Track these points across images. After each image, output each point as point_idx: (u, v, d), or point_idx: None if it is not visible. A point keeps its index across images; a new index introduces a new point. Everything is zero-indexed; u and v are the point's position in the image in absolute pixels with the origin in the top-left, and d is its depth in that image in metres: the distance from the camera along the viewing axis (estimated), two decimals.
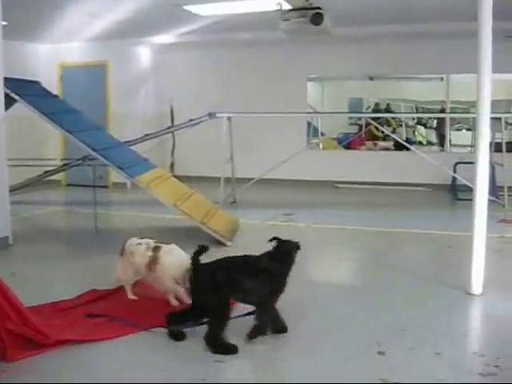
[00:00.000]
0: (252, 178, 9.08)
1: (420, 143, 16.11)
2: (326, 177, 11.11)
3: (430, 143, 15.14)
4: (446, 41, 9.94)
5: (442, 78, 12.59)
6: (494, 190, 8.31)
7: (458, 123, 14.11)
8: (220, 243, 6.17)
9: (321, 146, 12.74)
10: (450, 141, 12.93)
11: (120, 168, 6.40)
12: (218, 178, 8.53)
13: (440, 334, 3.85)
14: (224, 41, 10.64)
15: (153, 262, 4.23)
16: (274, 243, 3.75)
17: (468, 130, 13.09)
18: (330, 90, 16.45)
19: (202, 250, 3.70)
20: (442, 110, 12.55)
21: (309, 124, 12.28)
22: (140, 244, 4.38)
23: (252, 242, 5.37)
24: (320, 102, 15.65)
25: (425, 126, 16.90)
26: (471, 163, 8.66)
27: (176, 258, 4.23)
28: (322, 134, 13.05)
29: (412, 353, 3.55)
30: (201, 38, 10.39)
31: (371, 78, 14.93)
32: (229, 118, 8.81)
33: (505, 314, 4.23)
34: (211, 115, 8.65)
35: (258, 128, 10.78)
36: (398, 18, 9.11)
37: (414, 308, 4.37)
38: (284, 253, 3.73)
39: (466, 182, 7.44)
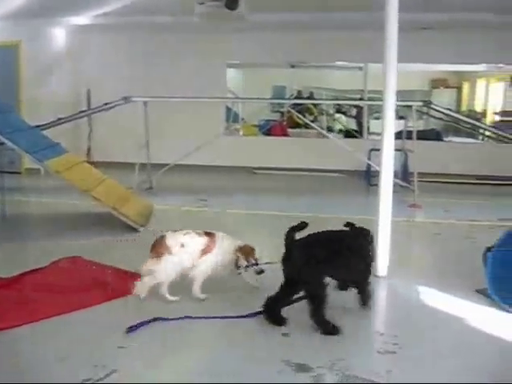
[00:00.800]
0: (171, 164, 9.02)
1: (340, 131, 16.45)
2: (245, 163, 11.11)
3: (350, 131, 15.46)
4: (365, 30, 10.10)
5: (360, 68, 12.84)
6: (406, 176, 8.56)
7: (378, 112, 14.46)
8: (132, 229, 6.08)
9: (241, 132, 12.75)
10: (368, 129, 13.23)
11: (28, 152, 6.17)
12: (137, 164, 8.44)
13: (344, 314, 3.92)
14: (142, 23, 10.40)
15: (209, 249, 4.15)
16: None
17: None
18: (254, 77, 16.49)
19: (301, 226, 3.67)
20: (362, 99, 12.82)
21: (229, 110, 12.24)
22: (188, 233, 4.19)
23: (165, 227, 5.31)
24: (242, 89, 15.65)
25: (345, 114, 17.27)
26: None
27: (231, 242, 4.24)
28: (243, 121, 13.07)
29: (316, 333, 3.59)
30: (118, 19, 10.12)
31: (293, 66, 15.08)
32: (145, 103, 8.65)
33: (407, 295, 4.36)
34: (126, 99, 8.48)
35: (177, 113, 10.63)
36: (316, 6, 9.19)
37: None
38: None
39: (378, 168, 7.61)
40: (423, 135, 12.22)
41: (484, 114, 16.13)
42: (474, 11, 9.17)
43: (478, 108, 16.86)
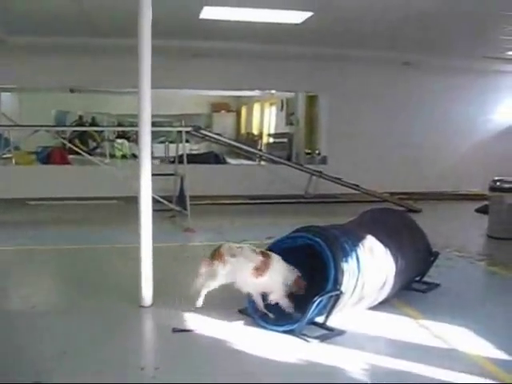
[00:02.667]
0: None
1: (124, 156, 16.26)
2: (18, 194, 10.26)
3: (134, 156, 15.33)
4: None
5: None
6: (183, 200, 8.57)
7: (163, 136, 14.51)
8: None
9: (13, 160, 11.90)
10: (152, 153, 13.18)
11: None
12: None
13: (105, 351, 3.77)
14: None
15: (264, 266, 4.21)
16: None
17: (171, 142, 13.50)
18: (34, 101, 15.66)
19: None
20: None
21: None
22: (242, 247, 4.35)
23: None
24: (18, 114, 14.76)
25: (128, 139, 17.11)
26: (160, 175, 8.90)
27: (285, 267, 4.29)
28: (18, 148, 12.24)
29: (71, 376, 3.39)
30: None
31: (72, 91, 14.57)
32: None
33: (171, 323, 4.27)
34: None
35: None
36: (87, 31, 8.95)
37: (83, 327, 4.22)
38: None
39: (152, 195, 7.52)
40: (202, 159, 12.55)
41: (260, 135, 17.13)
42: (246, 41, 9.65)
43: (256, 130, 17.87)
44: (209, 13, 7.56)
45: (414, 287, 5.19)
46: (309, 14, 7.66)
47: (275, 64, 10.87)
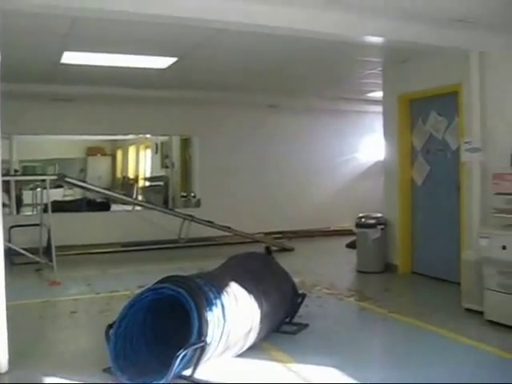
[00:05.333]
0: None
1: None
2: None
3: (4, 205, 14.51)
4: (10, 102, 9.64)
5: (8, 137, 12.29)
6: (50, 252, 8.16)
7: (34, 182, 13.88)
8: None
9: None
10: (21, 201, 12.68)
11: None
12: None
13: None
14: None
15: None
16: None
17: (45, 188, 12.92)
18: None
19: None
20: (8, 171, 12.12)
21: None
22: None
23: None
24: None
25: None
26: (22, 226, 8.48)
27: None
28: None
29: None
30: None
31: None
32: None
33: None
34: None
35: None
36: None
37: None
38: None
39: (14, 247, 7.14)
40: (73, 206, 12.13)
41: (136, 179, 16.83)
42: (114, 86, 9.52)
43: (131, 174, 17.53)
44: (70, 58, 7.34)
45: (283, 329, 5.22)
46: (173, 60, 7.69)
47: (147, 108, 10.82)
